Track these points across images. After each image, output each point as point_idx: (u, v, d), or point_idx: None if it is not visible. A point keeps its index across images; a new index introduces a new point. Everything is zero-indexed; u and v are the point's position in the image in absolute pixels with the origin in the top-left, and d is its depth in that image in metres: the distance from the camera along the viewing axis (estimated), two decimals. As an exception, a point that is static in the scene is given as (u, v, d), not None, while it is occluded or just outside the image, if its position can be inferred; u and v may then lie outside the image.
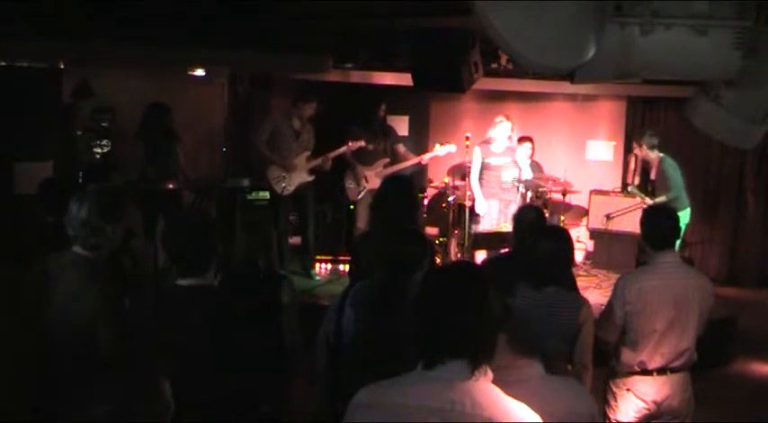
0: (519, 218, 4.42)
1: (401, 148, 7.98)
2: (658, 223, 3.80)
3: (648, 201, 7.55)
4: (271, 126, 7.39)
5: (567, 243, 3.59)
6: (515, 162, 7.62)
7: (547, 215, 7.41)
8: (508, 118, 7.55)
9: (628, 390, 3.72)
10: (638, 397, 3.70)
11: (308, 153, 7.49)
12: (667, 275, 3.71)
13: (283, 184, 7.37)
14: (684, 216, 7.26)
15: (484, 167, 7.58)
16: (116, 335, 2.90)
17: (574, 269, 4.19)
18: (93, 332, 2.90)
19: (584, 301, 3.50)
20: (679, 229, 3.89)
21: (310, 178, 7.52)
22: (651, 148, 7.53)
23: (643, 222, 3.89)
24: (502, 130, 7.50)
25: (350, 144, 7.55)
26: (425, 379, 1.96)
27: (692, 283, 3.77)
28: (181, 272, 2.84)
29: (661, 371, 3.68)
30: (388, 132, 8.06)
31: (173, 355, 2.72)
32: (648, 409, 3.70)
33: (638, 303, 3.64)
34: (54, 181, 4.48)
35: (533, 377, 2.31)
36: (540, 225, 4.30)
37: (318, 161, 7.50)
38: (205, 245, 2.88)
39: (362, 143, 7.62)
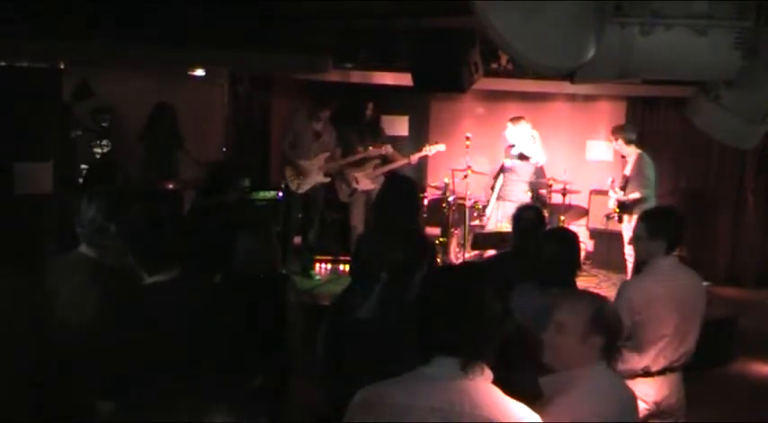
0: (517, 217, 4.43)
1: (388, 149, 8.03)
2: (672, 221, 3.81)
3: (629, 197, 7.33)
4: (294, 129, 7.54)
5: (573, 245, 3.59)
6: (528, 163, 7.69)
7: (546, 215, 7.45)
8: (515, 121, 7.64)
9: None
10: (638, 398, 3.70)
11: (327, 154, 7.57)
12: (670, 279, 3.71)
13: (298, 182, 7.46)
14: None
15: (505, 170, 7.72)
16: (117, 335, 2.90)
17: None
18: (94, 332, 2.91)
19: None
20: (682, 232, 3.89)
21: (325, 179, 7.62)
22: (628, 142, 7.36)
23: (655, 220, 3.86)
24: (508, 133, 7.63)
25: (374, 148, 7.76)
26: (425, 379, 1.96)
27: (691, 286, 3.79)
28: (148, 271, 2.84)
29: (661, 371, 3.69)
30: (379, 133, 8.10)
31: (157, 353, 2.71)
32: (649, 410, 3.70)
33: (646, 313, 3.63)
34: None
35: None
36: (539, 225, 4.31)
37: (340, 164, 7.65)
38: (165, 241, 2.88)
39: (389, 149, 7.90)
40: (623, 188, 7.42)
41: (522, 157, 7.63)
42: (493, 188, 8.03)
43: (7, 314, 3.22)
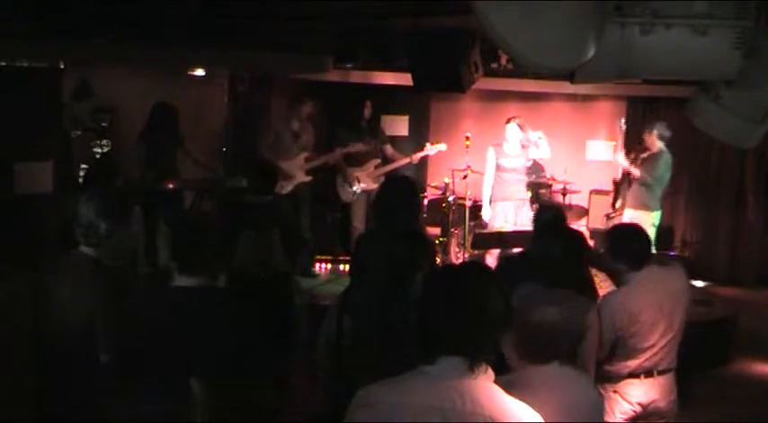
0: (535, 218, 4.47)
1: (389, 149, 8.06)
2: (635, 241, 3.77)
3: (631, 169, 7.38)
4: (273, 131, 7.65)
5: (579, 244, 3.59)
6: (531, 162, 7.62)
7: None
8: (515, 118, 7.56)
9: (615, 391, 3.70)
10: (623, 399, 3.68)
11: (306, 154, 7.62)
12: (651, 290, 3.67)
13: (281, 183, 7.49)
14: (656, 217, 7.29)
15: (498, 169, 7.50)
16: (114, 335, 2.91)
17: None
18: (92, 331, 2.91)
19: (591, 305, 3.45)
20: (647, 252, 3.81)
21: (307, 179, 7.66)
22: (660, 137, 7.34)
23: (616, 242, 3.81)
24: (509, 131, 7.46)
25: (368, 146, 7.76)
26: (426, 378, 1.96)
27: (674, 289, 3.76)
28: (180, 271, 2.85)
29: (648, 373, 3.68)
30: (378, 133, 8.10)
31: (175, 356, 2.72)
32: (635, 411, 3.69)
33: (630, 328, 3.61)
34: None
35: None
36: (554, 225, 4.31)
37: (318, 162, 7.66)
38: (206, 244, 2.90)
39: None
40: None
41: (523, 153, 7.57)
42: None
43: (7, 314, 3.22)
